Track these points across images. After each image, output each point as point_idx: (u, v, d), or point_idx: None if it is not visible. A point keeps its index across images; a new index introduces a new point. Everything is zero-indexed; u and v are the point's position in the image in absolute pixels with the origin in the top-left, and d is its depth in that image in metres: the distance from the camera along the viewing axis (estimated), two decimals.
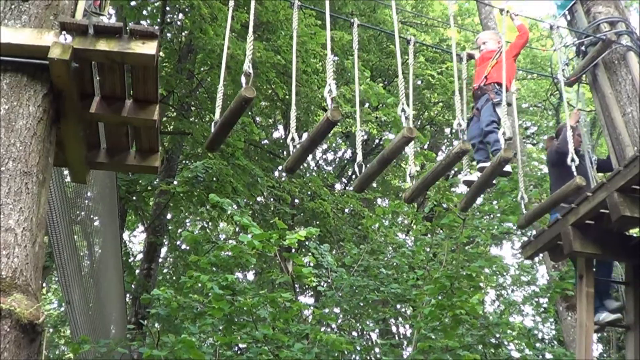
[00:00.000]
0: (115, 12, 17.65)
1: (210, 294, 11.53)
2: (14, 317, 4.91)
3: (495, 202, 15.96)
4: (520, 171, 9.13)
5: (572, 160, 8.34)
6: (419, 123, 26.31)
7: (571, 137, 8.59)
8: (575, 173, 8.30)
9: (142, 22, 19.73)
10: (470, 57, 10.27)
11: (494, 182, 9.85)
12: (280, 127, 26.31)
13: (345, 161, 27.75)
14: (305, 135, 23.20)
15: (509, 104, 9.11)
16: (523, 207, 9.05)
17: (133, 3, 18.13)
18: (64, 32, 5.74)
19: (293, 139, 7.25)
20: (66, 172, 8.92)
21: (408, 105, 7.50)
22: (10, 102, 5.59)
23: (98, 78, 6.22)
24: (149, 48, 5.83)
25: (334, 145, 26.85)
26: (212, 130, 7.23)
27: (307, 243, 16.24)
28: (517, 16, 9.95)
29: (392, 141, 7.56)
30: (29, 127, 5.57)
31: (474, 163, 10.13)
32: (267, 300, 11.89)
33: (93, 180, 11.85)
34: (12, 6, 6.02)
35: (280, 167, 22.42)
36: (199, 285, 12.05)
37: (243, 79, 6.74)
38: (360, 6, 22.86)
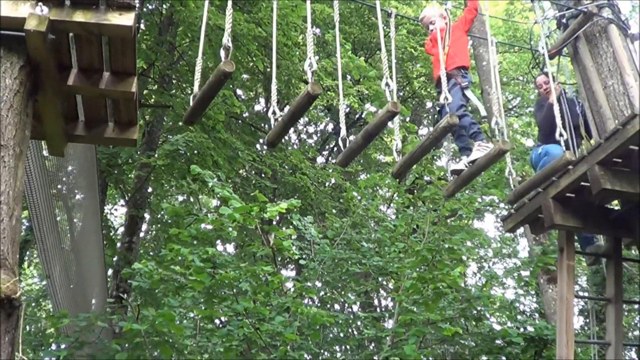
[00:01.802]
0: None
1: (188, 264, 11.51)
2: None
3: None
4: (498, 138, 9.10)
5: (561, 135, 8.34)
6: (401, 95, 26.30)
7: (558, 113, 8.60)
8: (564, 148, 8.31)
9: None
10: None
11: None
12: (262, 100, 26.26)
13: (327, 134, 27.73)
14: (287, 109, 23.21)
15: (470, 82, 9.11)
16: (512, 183, 9.04)
17: None
18: (40, 3, 5.67)
19: (274, 112, 7.22)
20: (45, 145, 8.87)
21: (392, 79, 7.47)
22: None
23: (75, 50, 6.15)
24: (127, 19, 5.76)
25: (315, 118, 26.79)
26: (191, 103, 7.20)
27: (289, 216, 16.23)
28: None
29: (376, 116, 7.54)
30: (5, 100, 5.51)
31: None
32: (248, 273, 11.88)
33: (73, 154, 11.79)
34: None
35: (261, 140, 22.38)
36: (180, 258, 12.02)
37: (222, 53, 6.69)
38: None
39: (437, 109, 9.22)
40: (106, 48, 6.16)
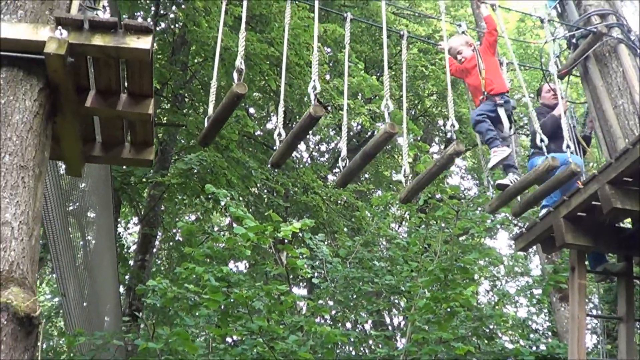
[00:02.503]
0: (109, 4, 17.63)
1: (204, 285, 11.57)
2: (10, 310, 4.95)
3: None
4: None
5: (568, 146, 8.38)
6: (412, 113, 26.36)
7: (566, 127, 8.64)
8: (570, 159, 8.35)
9: (135, 14, 19.75)
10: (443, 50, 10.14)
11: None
12: (274, 118, 26.35)
13: (339, 152, 27.78)
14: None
15: (514, 107, 9.15)
16: (518, 196, 9.06)
17: None
18: (59, 27, 5.78)
19: (280, 134, 7.29)
20: (61, 164, 8.97)
21: (403, 101, 7.55)
22: (7, 96, 5.63)
23: (93, 72, 6.26)
24: (144, 43, 5.87)
25: (327, 137, 26.87)
26: (205, 125, 7.27)
27: (301, 235, 16.29)
28: (482, 4, 9.90)
29: (374, 137, 7.61)
30: (25, 122, 5.61)
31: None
32: (263, 292, 11.94)
33: (88, 172, 11.89)
34: (8, 1, 6.05)
35: None
36: (194, 276, 12.09)
37: (235, 75, 6.75)
38: None
39: (473, 122, 9.21)
40: (123, 69, 6.27)
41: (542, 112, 10.35)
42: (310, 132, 8.24)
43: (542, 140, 8.31)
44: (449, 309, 12.17)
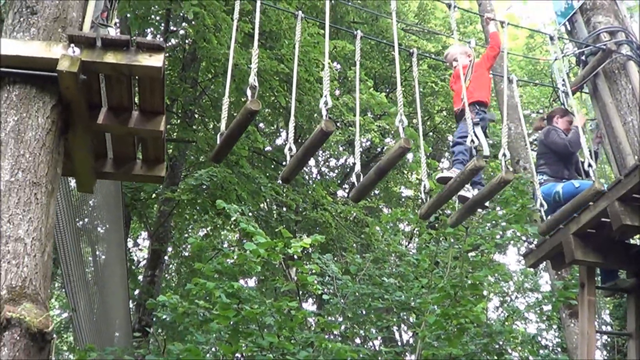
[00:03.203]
0: (120, 21, 17.76)
1: (215, 300, 11.58)
2: (23, 325, 4.99)
3: (499, 210, 15.96)
4: (535, 179, 9.11)
5: (590, 165, 8.39)
6: (422, 129, 26.32)
7: (585, 145, 8.66)
8: (593, 177, 8.35)
9: (145, 30, 19.85)
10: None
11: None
12: (284, 133, 26.43)
13: (348, 168, 27.83)
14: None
15: (492, 120, 9.13)
16: (543, 214, 9.02)
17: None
18: (72, 44, 5.82)
19: (290, 149, 7.29)
20: (71, 179, 9.01)
21: (418, 116, 7.58)
22: (20, 113, 5.68)
23: (105, 89, 6.30)
24: (156, 60, 5.91)
25: (336, 153, 26.91)
26: (218, 142, 7.27)
27: (310, 250, 16.32)
28: (492, 21, 9.95)
29: (389, 152, 7.61)
30: (38, 138, 5.66)
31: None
32: (274, 308, 11.95)
33: (98, 188, 11.95)
34: (21, 19, 6.11)
35: None
36: (204, 292, 12.12)
37: (249, 92, 6.74)
38: (362, 15, 22.93)
39: (451, 144, 9.26)
40: (134, 85, 6.32)
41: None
42: (320, 148, 8.24)
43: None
44: (459, 326, 12.17)
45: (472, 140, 7.90)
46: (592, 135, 10.52)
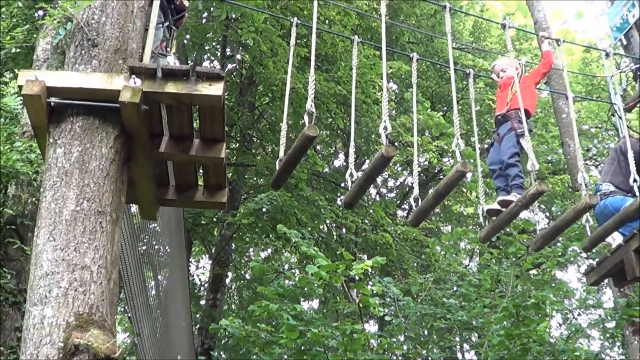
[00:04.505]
0: (177, 47, 17.98)
1: (276, 323, 11.64)
2: (91, 351, 5.09)
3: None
4: (584, 193, 9.04)
5: (635, 180, 8.32)
6: (480, 146, 26.14)
7: (632, 160, 8.57)
8: (638, 192, 8.27)
9: (203, 56, 20.09)
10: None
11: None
12: (341, 155, 26.47)
13: (407, 188, 27.76)
14: (367, 164, 23.36)
15: (530, 130, 9.06)
16: (588, 230, 8.97)
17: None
18: (133, 75, 5.95)
19: (351, 174, 7.30)
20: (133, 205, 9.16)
21: (469, 138, 7.57)
22: (84, 144, 5.81)
23: (166, 118, 6.42)
24: (216, 89, 6.01)
25: (395, 174, 26.87)
26: (277, 168, 7.30)
27: (370, 271, 16.31)
28: (546, 40, 9.91)
29: (447, 176, 7.60)
30: (102, 168, 5.78)
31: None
32: (339, 331, 11.98)
33: (160, 213, 12.09)
34: (82, 51, 6.26)
35: (341, 197, 22.54)
36: (265, 314, 12.19)
37: (306, 118, 6.76)
38: (417, 35, 22.93)
39: (486, 146, 9.21)
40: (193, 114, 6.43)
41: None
42: (382, 172, 8.27)
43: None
44: (522, 345, 12.08)
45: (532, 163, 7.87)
46: None
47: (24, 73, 6.00)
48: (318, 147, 24.93)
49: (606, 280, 13.06)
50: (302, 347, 12.16)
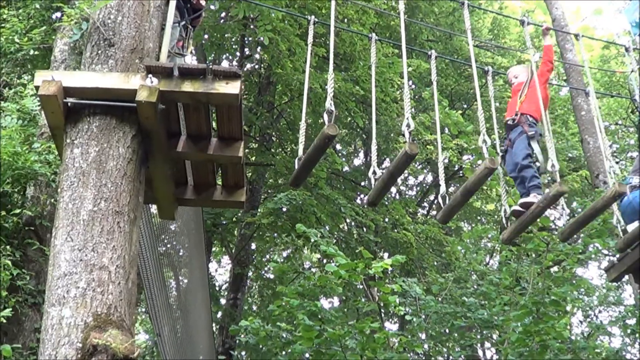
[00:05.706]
0: (195, 48, 17.99)
1: (297, 323, 11.61)
2: (109, 351, 5.08)
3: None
4: (613, 181, 8.95)
5: None
6: (503, 147, 26.03)
7: None
8: None
9: (221, 56, 20.09)
10: None
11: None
12: (361, 153, 26.43)
13: (426, 186, 27.68)
14: (386, 162, 23.33)
15: (541, 134, 9.02)
16: (620, 231, 8.90)
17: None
18: (150, 75, 5.93)
19: (374, 172, 7.27)
20: (152, 206, 9.15)
21: (488, 135, 7.53)
22: (101, 144, 5.80)
23: (184, 117, 6.40)
24: (233, 88, 5.98)
25: (415, 172, 26.80)
26: (296, 167, 7.28)
27: (390, 270, 16.26)
28: (548, 32, 9.88)
29: (475, 173, 7.57)
30: (119, 168, 5.78)
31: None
32: (356, 330, 11.94)
33: (179, 213, 12.10)
34: (99, 51, 6.25)
35: (361, 195, 22.50)
36: (286, 313, 12.17)
37: (325, 117, 6.71)
38: (436, 33, 22.87)
39: (500, 154, 9.19)
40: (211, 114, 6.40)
41: None
42: (405, 170, 8.22)
43: None
44: (541, 342, 12.01)
45: (553, 165, 7.85)
46: None
47: (41, 73, 6.01)
48: (337, 146, 24.90)
49: (627, 277, 12.99)
50: (321, 347, 12.13)
